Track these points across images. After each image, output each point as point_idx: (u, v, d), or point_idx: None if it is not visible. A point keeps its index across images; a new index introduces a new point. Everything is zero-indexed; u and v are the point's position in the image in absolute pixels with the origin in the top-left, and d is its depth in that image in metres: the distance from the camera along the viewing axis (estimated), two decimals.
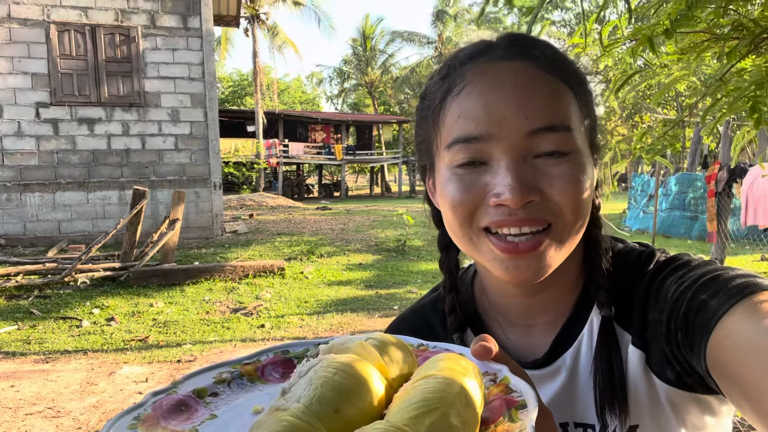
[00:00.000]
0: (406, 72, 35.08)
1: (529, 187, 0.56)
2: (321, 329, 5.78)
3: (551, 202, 0.57)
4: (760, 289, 0.52)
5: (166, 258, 7.99)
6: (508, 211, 0.57)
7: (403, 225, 11.63)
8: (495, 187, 0.57)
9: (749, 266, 8.99)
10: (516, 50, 0.61)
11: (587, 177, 0.59)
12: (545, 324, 0.69)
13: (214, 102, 11.09)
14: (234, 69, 55.73)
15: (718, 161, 7.80)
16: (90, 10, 10.21)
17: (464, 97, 0.59)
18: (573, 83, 0.61)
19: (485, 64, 0.60)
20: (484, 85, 0.59)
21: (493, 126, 0.57)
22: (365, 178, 45.53)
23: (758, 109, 1.00)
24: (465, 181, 0.59)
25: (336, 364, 0.42)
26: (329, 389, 0.39)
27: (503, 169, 0.57)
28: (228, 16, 13.69)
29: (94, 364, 4.80)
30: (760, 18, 1.14)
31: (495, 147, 0.57)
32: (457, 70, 0.62)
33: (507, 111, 0.57)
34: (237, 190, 24.21)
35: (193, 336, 5.56)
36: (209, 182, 11.10)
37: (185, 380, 0.49)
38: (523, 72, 0.59)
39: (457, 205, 0.60)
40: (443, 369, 0.43)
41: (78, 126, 10.35)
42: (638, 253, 0.68)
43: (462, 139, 0.59)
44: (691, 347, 0.54)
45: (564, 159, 0.58)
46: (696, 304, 0.54)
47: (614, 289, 0.65)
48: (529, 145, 0.57)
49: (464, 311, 0.74)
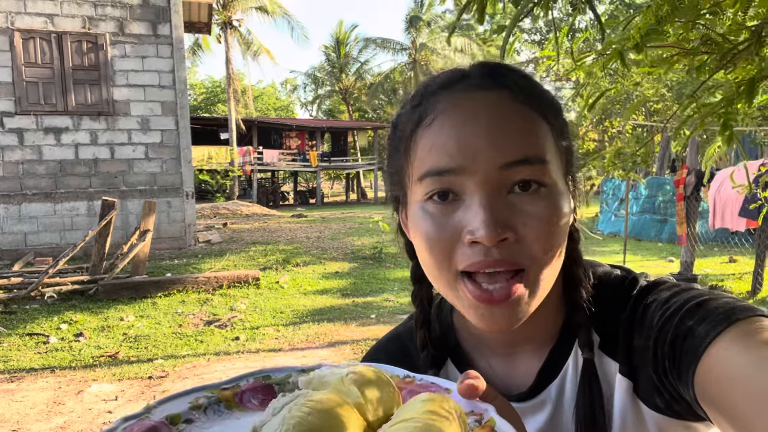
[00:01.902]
0: (380, 78, 35.18)
1: (503, 224, 0.54)
2: (297, 340, 5.71)
3: (525, 243, 0.55)
4: (748, 315, 0.51)
5: (137, 270, 7.82)
6: (484, 251, 0.55)
7: (380, 232, 11.61)
8: (469, 224, 0.55)
9: (718, 267, 9.20)
10: (489, 80, 0.59)
11: (563, 213, 0.57)
12: (528, 353, 0.67)
13: (186, 110, 10.94)
14: (207, 76, 55.19)
15: (686, 166, 7.98)
16: (56, 17, 9.99)
17: (436, 129, 0.58)
18: (548, 114, 0.59)
19: (458, 94, 0.58)
20: (457, 116, 0.57)
21: (466, 159, 0.55)
22: (341, 185, 45.45)
23: (729, 126, 1.00)
24: (438, 219, 0.57)
25: (311, 403, 0.40)
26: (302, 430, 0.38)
27: (476, 204, 0.55)
28: (199, 23, 13.54)
29: (61, 382, 4.65)
30: (728, 33, 1.15)
31: (468, 180, 0.56)
32: (429, 99, 0.60)
33: (480, 144, 0.55)
34: (211, 198, 23.91)
35: (165, 350, 5.43)
36: (181, 191, 10.92)
37: (159, 405, 0.46)
38: (497, 103, 0.57)
39: (433, 246, 0.58)
40: (424, 413, 0.42)
41: (44, 136, 10.09)
42: (620, 279, 0.67)
43: (434, 172, 0.57)
44: (679, 375, 0.53)
45: (539, 195, 0.56)
46: (683, 330, 0.54)
47: (598, 317, 0.64)
48: (503, 179, 0.55)
49: (443, 343, 0.72)
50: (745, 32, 1.11)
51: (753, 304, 0.54)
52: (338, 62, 37.94)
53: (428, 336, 0.71)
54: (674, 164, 15.93)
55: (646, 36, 1.18)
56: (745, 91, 0.97)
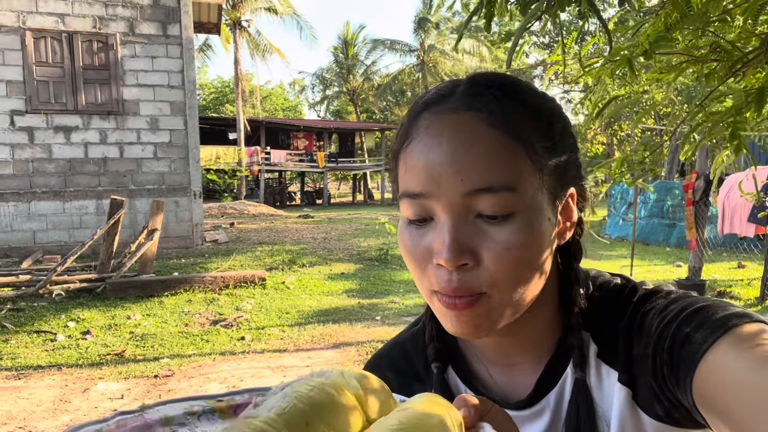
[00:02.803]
0: (388, 80, 35.18)
1: (464, 248, 0.55)
2: (302, 341, 5.72)
3: (486, 269, 0.55)
4: (744, 321, 0.51)
5: (144, 269, 7.86)
6: (447, 275, 0.56)
7: (386, 233, 11.62)
8: (435, 246, 0.57)
9: (726, 273, 9.13)
10: (467, 101, 0.58)
11: (535, 236, 0.56)
12: (527, 364, 0.67)
13: (194, 110, 10.98)
14: (216, 76, 55.40)
15: (695, 170, 7.93)
16: (67, 16, 10.06)
17: (410, 151, 0.59)
18: (527, 133, 0.57)
19: (433, 116, 0.59)
20: (427, 140, 0.57)
21: (433, 185, 0.56)
22: (348, 186, 45.49)
23: (737, 135, 0.99)
24: (414, 237, 0.59)
25: (313, 382, 0.41)
26: (303, 402, 0.38)
27: (443, 227, 0.56)
28: (209, 23, 13.60)
29: (68, 380, 4.68)
30: (737, 40, 1.14)
31: (436, 204, 0.57)
32: (414, 118, 0.61)
33: (444, 170, 0.55)
34: (218, 197, 23.99)
35: (171, 349, 5.46)
36: (189, 191, 10.97)
37: (154, 406, 0.46)
38: (466, 127, 0.56)
39: (411, 261, 0.61)
40: (423, 403, 0.43)
41: (54, 134, 10.17)
42: (620, 287, 0.67)
43: (407, 194, 0.58)
44: (677, 381, 0.53)
45: (507, 221, 0.55)
46: (680, 337, 0.54)
47: (598, 325, 0.64)
48: (468, 205, 0.56)
49: (445, 343, 0.73)
50: (755, 40, 1.11)
51: (760, 310, 0.54)
52: (346, 63, 37.98)
53: (435, 330, 0.73)
54: (683, 168, 15.83)
55: (655, 43, 1.17)
56: (754, 100, 0.96)
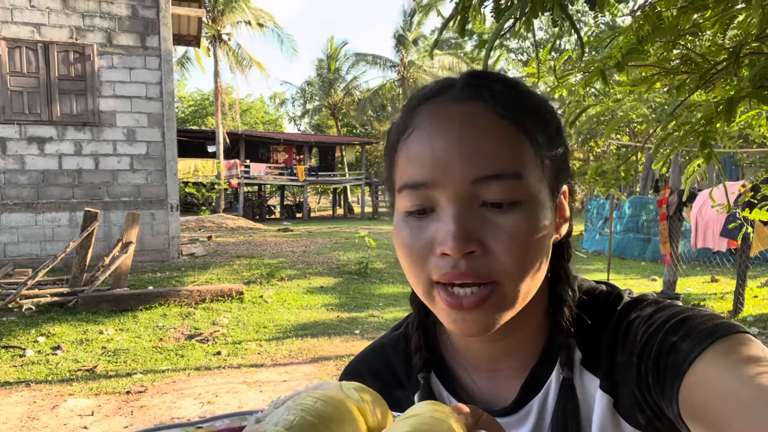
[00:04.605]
0: (369, 94, 35.36)
1: (471, 236, 0.54)
2: (280, 355, 5.64)
3: (494, 258, 0.55)
4: (732, 332, 0.51)
5: (118, 282, 7.70)
6: (452, 262, 0.54)
7: (365, 247, 11.58)
8: (439, 235, 0.55)
9: (700, 287, 9.29)
10: (470, 91, 0.58)
11: (539, 227, 0.56)
12: (511, 369, 0.67)
13: (172, 122, 10.88)
14: (196, 89, 55.07)
15: (668, 186, 8.09)
16: (43, 26, 9.93)
17: (413, 141, 0.58)
18: (532, 126, 0.58)
19: (436, 106, 0.58)
20: (432, 129, 0.57)
21: (438, 173, 0.55)
22: (328, 200, 45.38)
23: (708, 144, 1.01)
24: (415, 231, 0.57)
25: (316, 394, 0.40)
26: (311, 415, 0.37)
27: (447, 215, 0.55)
28: (188, 36, 13.55)
29: (36, 396, 4.53)
30: (707, 53, 1.17)
31: (440, 194, 0.55)
32: (413, 110, 0.60)
33: (451, 158, 0.55)
34: (196, 211, 23.71)
35: (144, 365, 5.33)
36: (166, 203, 10.82)
37: None
38: (471, 116, 0.56)
39: (410, 255, 0.58)
40: (429, 410, 0.42)
41: (27, 145, 9.97)
42: (605, 295, 0.67)
43: (409, 185, 0.57)
44: (662, 391, 0.53)
45: (512, 209, 0.55)
46: (667, 346, 0.54)
47: (582, 332, 0.64)
48: (475, 193, 0.55)
49: (429, 352, 0.72)
50: (724, 53, 1.13)
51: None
52: (328, 77, 38.10)
53: (423, 338, 0.71)
54: (657, 184, 16.15)
55: (628, 55, 1.19)
56: (723, 110, 0.98)
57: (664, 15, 1.19)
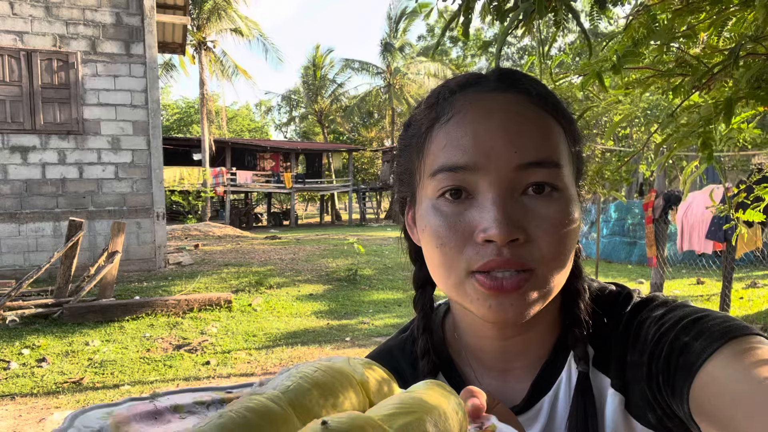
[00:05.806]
0: (356, 101, 35.41)
1: (515, 224, 0.54)
2: (270, 364, 5.59)
3: (535, 246, 0.55)
4: (744, 333, 0.51)
5: (104, 293, 7.60)
6: (496, 250, 0.54)
7: (354, 254, 11.56)
8: (482, 222, 0.54)
9: (686, 289, 9.38)
10: (507, 83, 0.59)
11: (574, 218, 0.57)
12: (522, 369, 0.66)
13: (158, 130, 10.79)
14: (181, 96, 54.76)
15: (654, 189, 8.17)
16: (26, 34, 9.81)
17: (453, 126, 0.57)
18: (563, 120, 0.60)
19: (476, 94, 0.59)
20: (474, 114, 0.57)
21: (482, 157, 0.55)
22: (315, 207, 45.26)
23: (708, 145, 1.02)
24: (450, 218, 0.56)
25: (319, 364, 0.41)
26: (307, 382, 0.39)
27: (490, 202, 0.54)
28: (173, 44, 13.48)
29: (22, 410, 4.44)
30: (702, 56, 1.18)
31: (482, 179, 0.55)
32: (446, 99, 0.60)
33: (496, 143, 0.55)
34: (182, 219, 23.49)
35: (132, 376, 5.25)
36: (152, 212, 10.71)
37: (164, 395, 0.46)
38: (514, 104, 0.57)
39: (444, 243, 0.57)
40: (426, 388, 0.43)
41: (10, 154, 9.82)
42: (615, 295, 0.67)
43: (448, 168, 0.56)
44: (673, 390, 0.53)
45: (552, 198, 0.56)
46: (678, 346, 0.53)
47: (593, 331, 0.64)
48: (517, 180, 0.55)
49: (437, 354, 0.71)
50: (719, 55, 1.14)
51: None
52: (314, 84, 38.10)
53: (430, 342, 0.70)
54: (642, 188, 16.33)
55: (623, 57, 1.20)
56: (722, 111, 0.99)
57: (659, 18, 1.20)
